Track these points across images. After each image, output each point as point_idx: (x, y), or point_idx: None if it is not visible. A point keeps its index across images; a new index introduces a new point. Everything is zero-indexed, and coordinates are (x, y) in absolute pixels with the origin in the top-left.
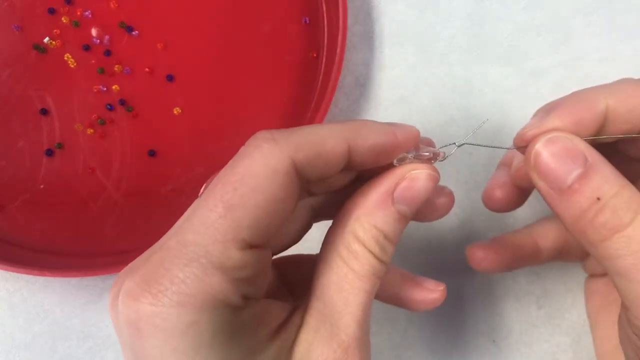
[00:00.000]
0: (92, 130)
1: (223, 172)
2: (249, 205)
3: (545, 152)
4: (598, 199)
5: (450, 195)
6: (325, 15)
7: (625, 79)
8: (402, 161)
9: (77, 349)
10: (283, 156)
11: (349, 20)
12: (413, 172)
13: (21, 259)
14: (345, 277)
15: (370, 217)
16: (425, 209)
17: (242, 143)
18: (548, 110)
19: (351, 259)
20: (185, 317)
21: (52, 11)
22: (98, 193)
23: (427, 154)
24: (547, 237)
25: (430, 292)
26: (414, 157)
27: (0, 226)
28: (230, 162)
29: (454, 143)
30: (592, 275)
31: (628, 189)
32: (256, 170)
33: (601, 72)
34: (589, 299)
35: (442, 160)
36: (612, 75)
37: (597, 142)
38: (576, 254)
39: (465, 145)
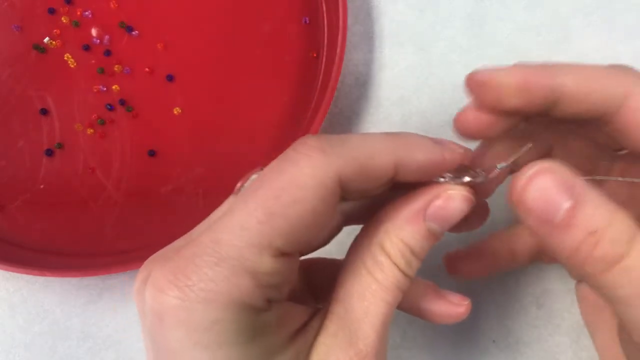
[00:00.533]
0: (92, 130)
1: (267, 175)
2: (289, 216)
3: (530, 187)
4: (593, 231)
5: (486, 208)
6: (325, 15)
7: (596, 64)
8: (440, 179)
9: (77, 349)
10: (331, 171)
11: (349, 20)
12: (449, 191)
13: (21, 259)
14: (369, 287)
15: (399, 232)
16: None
17: (242, 143)
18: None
19: (376, 270)
20: (210, 314)
21: (52, 11)
22: (98, 193)
23: (467, 179)
24: (523, 241)
25: (455, 307)
26: (452, 180)
27: (0, 226)
28: (276, 164)
29: (496, 166)
30: (579, 281)
31: (619, 215)
32: (302, 182)
33: None
34: (581, 305)
35: (480, 182)
36: None
37: (551, 118)
38: (554, 257)
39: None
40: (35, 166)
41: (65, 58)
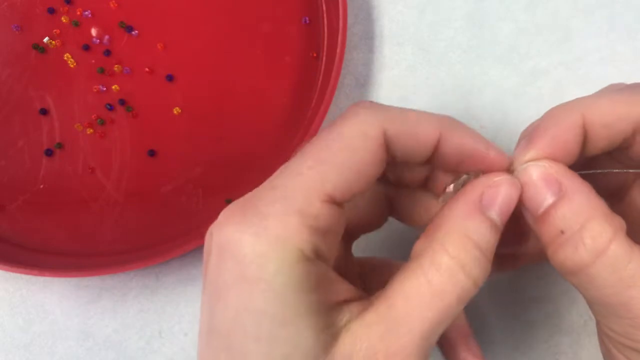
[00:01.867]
0: (92, 130)
1: (321, 132)
2: (336, 162)
3: (522, 176)
4: (562, 232)
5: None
6: (325, 15)
7: (611, 87)
8: (470, 178)
9: (77, 349)
10: (376, 124)
11: (349, 20)
12: (495, 179)
13: (21, 259)
14: (418, 289)
15: (461, 228)
16: None
17: (242, 143)
18: (528, 138)
19: (431, 270)
20: (256, 247)
21: (52, 11)
22: (98, 193)
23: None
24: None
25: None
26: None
27: (0, 226)
28: (331, 123)
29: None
30: None
31: (596, 221)
32: (349, 132)
33: (601, 72)
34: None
35: None
36: (612, 75)
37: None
38: None
39: None
40: (35, 166)
41: (65, 58)
